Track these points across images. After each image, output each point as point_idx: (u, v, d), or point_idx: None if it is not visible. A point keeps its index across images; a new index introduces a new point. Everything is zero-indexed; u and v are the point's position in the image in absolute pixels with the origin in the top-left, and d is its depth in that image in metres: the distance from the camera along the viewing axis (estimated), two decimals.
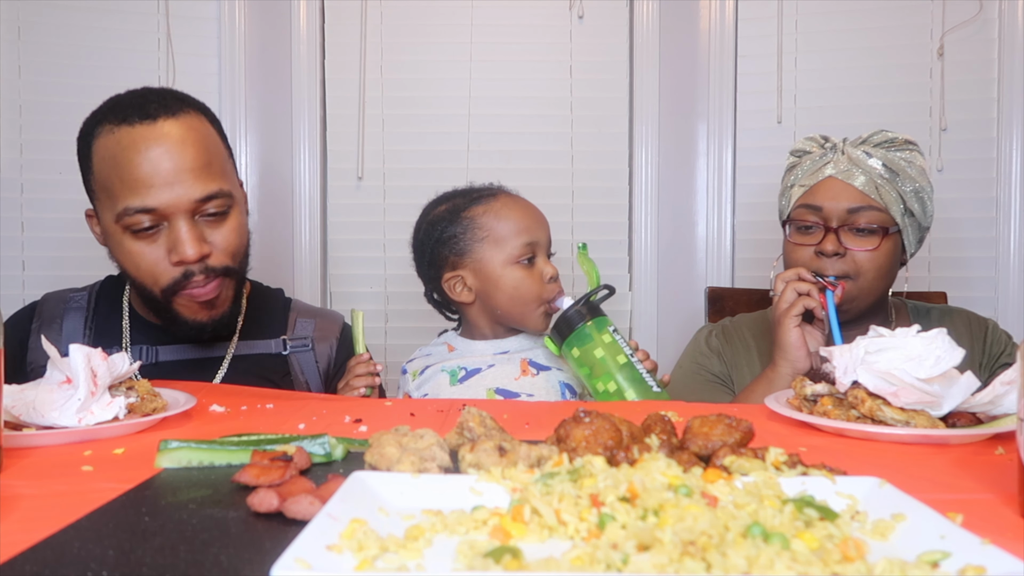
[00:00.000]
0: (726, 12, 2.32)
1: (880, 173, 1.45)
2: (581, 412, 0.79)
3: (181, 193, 1.28)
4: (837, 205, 1.45)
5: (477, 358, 1.50)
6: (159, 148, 1.28)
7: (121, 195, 1.28)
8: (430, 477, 0.68)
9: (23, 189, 2.23)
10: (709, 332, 1.66)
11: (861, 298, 1.46)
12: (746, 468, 0.70)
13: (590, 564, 0.51)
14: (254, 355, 1.48)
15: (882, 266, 1.46)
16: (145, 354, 1.41)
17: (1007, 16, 2.16)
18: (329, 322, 1.59)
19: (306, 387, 1.51)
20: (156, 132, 1.29)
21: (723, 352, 1.61)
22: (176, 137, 1.30)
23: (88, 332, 1.44)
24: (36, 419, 0.92)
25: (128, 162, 1.27)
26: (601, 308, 1.40)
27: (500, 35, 2.34)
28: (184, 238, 1.29)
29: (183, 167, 1.28)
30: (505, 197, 1.52)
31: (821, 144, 1.53)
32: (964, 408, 0.97)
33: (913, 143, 1.50)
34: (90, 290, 1.51)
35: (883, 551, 0.56)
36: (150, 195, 1.27)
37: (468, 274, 1.48)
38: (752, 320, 1.67)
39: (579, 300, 1.39)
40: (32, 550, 0.56)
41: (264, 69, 2.34)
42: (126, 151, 1.28)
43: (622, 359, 1.35)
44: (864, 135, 1.51)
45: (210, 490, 0.71)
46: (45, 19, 2.22)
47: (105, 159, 1.30)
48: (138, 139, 1.28)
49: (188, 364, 1.43)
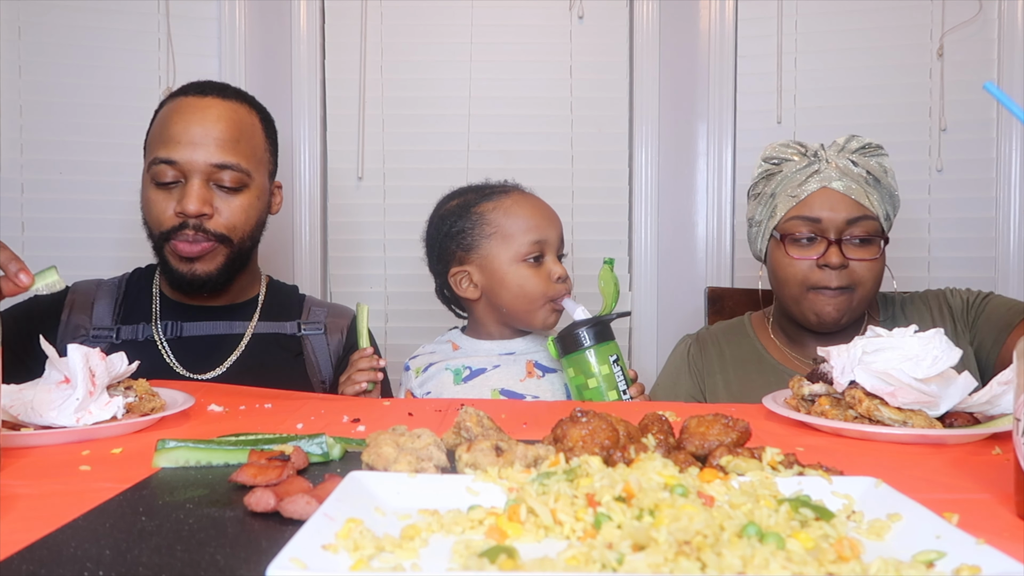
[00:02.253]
0: (726, 12, 2.32)
1: (867, 180, 1.45)
2: (578, 412, 0.79)
3: (201, 155, 1.44)
4: (835, 216, 1.43)
5: (482, 358, 1.50)
6: (196, 115, 1.46)
7: (154, 148, 1.47)
8: (426, 477, 0.68)
9: (23, 189, 2.23)
10: (687, 346, 1.65)
11: (859, 307, 1.47)
12: (742, 468, 0.71)
13: (585, 564, 0.51)
14: (271, 334, 1.59)
15: (879, 274, 1.47)
16: (171, 329, 1.54)
17: (1007, 16, 2.16)
18: (339, 314, 1.67)
19: (316, 367, 1.59)
20: (200, 104, 1.48)
21: (696, 365, 1.61)
22: (215, 112, 1.48)
23: (118, 313, 1.56)
24: (34, 419, 0.92)
25: (168, 121, 1.47)
26: (611, 330, 1.37)
27: (500, 35, 2.34)
28: (191, 194, 1.44)
29: (210, 134, 1.45)
30: (517, 194, 1.52)
31: (801, 152, 1.50)
32: (961, 408, 0.97)
33: (880, 146, 1.49)
34: (121, 278, 1.63)
35: (878, 551, 0.56)
36: (175, 150, 1.44)
37: (474, 270, 1.48)
38: (727, 328, 1.67)
39: (590, 321, 1.36)
40: (29, 549, 0.56)
41: (264, 69, 2.34)
42: (171, 114, 1.48)
43: (613, 395, 1.34)
44: (840, 142, 1.49)
45: (207, 490, 0.71)
46: (45, 19, 2.22)
47: (157, 120, 1.51)
48: (184, 106, 1.48)
49: (210, 340, 1.54)
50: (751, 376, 1.54)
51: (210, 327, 1.55)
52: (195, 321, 1.55)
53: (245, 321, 1.58)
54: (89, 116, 2.24)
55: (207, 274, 1.49)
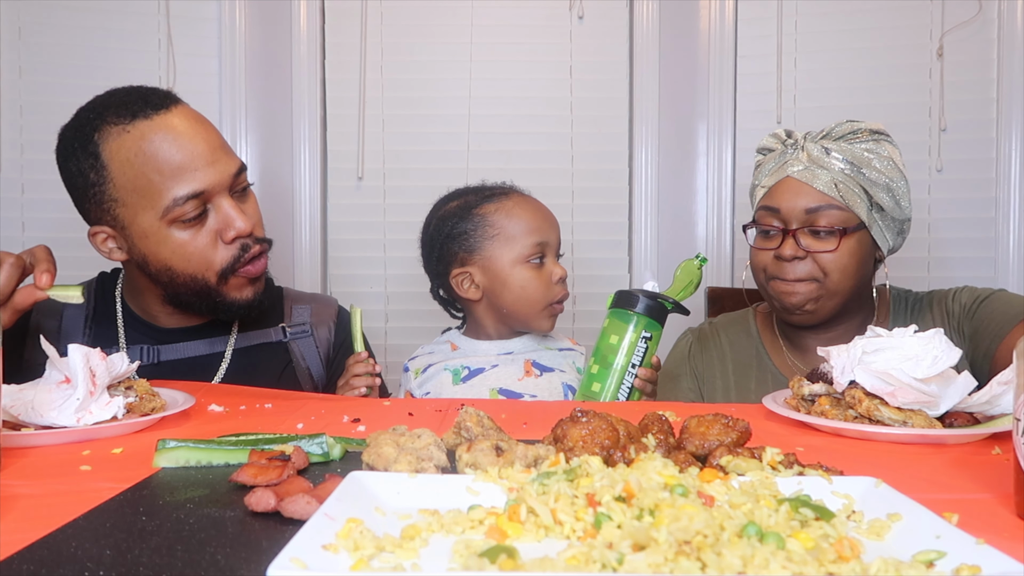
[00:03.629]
0: (726, 12, 2.32)
1: (841, 169, 1.40)
2: (578, 412, 0.79)
3: (222, 169, 1.28)
4: (795, 206, 1.41)
5: (481, 358, 1.50)
6: (189, 131, 1.27)
7: (164, 187, 1.24)
8: (427, 477, 0.68)
9: (23, 189, 2.23)
10: (688, 344, 1.62)
11: (827, 299, 1.42)
12: (743, 468, 0.71)
13: (585, 564, 0.51)
14: (255, 347, 1.47)
15: (847, 266, 1.41)
16: (145, 354, 1.38)
17: (1007, 16, 2.16)
18: (324, 306, 1.58)
19: (308, 373, 1.51)
20: (177, 118, 1.27)
21: (697, 363, 1.58)
22: (195, 118, 1.30)
23: (88, 331, 1.42)
24: (35, 419, 0.92)
25: (163, 152, 1.24)
26: (665, 315, 1.38)
27: (500, 35, 2.34)
28: (234, 213, 1.29)
29: (214, 144, 1.29)
30: (517, 196, 1.52)
31: (783, 140, 1.48)
32: (961, 408, 0.97)
33: (881, 132, 1.43)
34: (88, 288, 1.48)
35: (878, 551, 0.56)
36: (196, 178, 1.25)
37: (476, 271, 1.48)
38: (730, 322, 1.63)
39: (658, 296, 1.38)
40: (29, 549, 0.56)
41: (264, 69, 2.34)
42: (156, 143, 1.24)
43: (622, 361, 1.35)
44: (828, 127, 1.45)
45: (208, 490, 0.71)
46: (45, 19, 2.22)
47: (129, 159, 1.25)
48: (164, 127, 1.25)
49: (190, 362, 1.41)
50: (749, 385, 1.53)
51: (190, 348, 1.41)
52: (172, 343, 1.41)
53: (225, 335, 1.45)
54: None
55: (263, 289, 1.38)
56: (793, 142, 1.47)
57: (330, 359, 1.55)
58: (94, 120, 1.28)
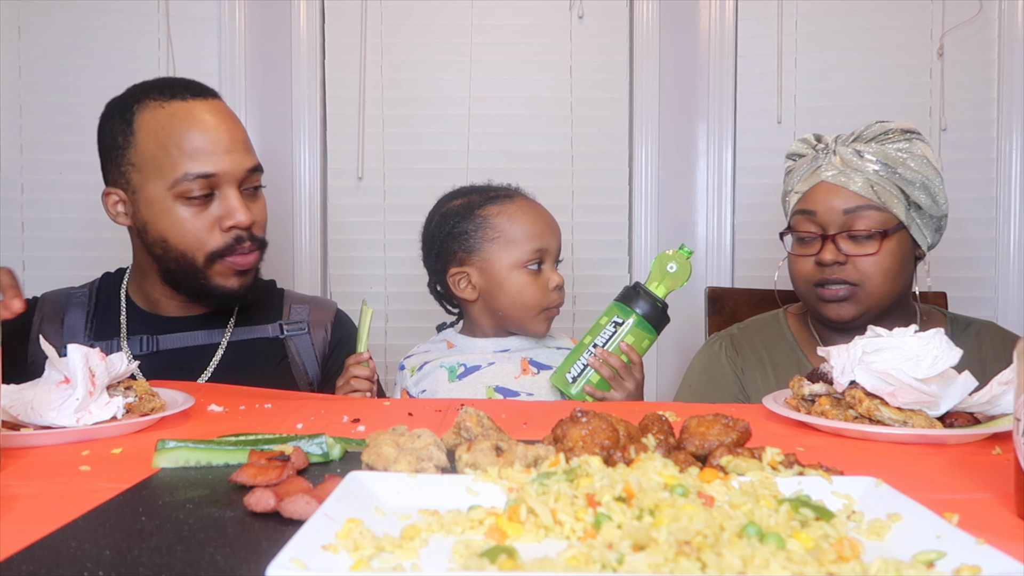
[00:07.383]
0: (726, 12, 2.32)
1: (876, 171, 1.40)
2: (578, 412, 0.79)
3: (237, 161, 1.37)
4: (832, 208, 1.40)
5: (477, 355, 1.50)
6: (216, 120, 1.38)
7: (179, 162, 1.34)
8: (426, 477, 0.68)
9: (23, 189, 2.22)
10: (720, 345, 1.58)
11: (871, 303, 1.41)
12: (743, 468, 0.71)
13: (585, 564, 0.51)
14: (251, 340, 1.51)
15: (888, 269, 1.40)
16: (145, 344, 1.44)
17: (1007, 16, 2.16)
18: (322, 309, 1.62)
19: (303, 370, 1.53)
20: (211, 107, 1.39)
21: (735, 366, 1.55)
22: (227, 113, 1.41)
23: (89, 327, 1.47)
24: (34, 419, 0.92)
25: (187, 131, 1.35)
26: (663, 320, 1.41)
27: (500, 35, 2.34)
28: (238, 205, 1.37)
29: (236, 138, 1.39)
30: (521, 200, 1.52)
31: (813, 145, 1.48)
32: (961, 408, 0.97)
33: (913, 131, 1.43)
34: (90, 287, 1.54)
35: (879, 551, 0.56)
36: (210, 161, 1.35)
37: (474, 272, 1.48)
38: (763, 327, 1.60)
39: (657, 301, 1.40)
40: (29, 550, 0.56)
41: (264, 69, 2.34)
42: (184, 122, 1.35)
43: (586, 340, 1.40)
44: (858, 130, 1.45)
45: (207, 490, 0.71)
46: (45, 19, 2.22)
47: (156, 131, 1.36)
48: (196, 111, 1.37)
49: (188, 352, 1.46)
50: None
51: (188, 338, 1.46)
52: (171, 333, 1.46)
53: (223, 328, 1.50)
54: (89, 116, 2.20)
55: (249, 285, 1.44)
56: (824, 146, 1.46)
57: (326, 357, 1.57)
58: (138, 94, 1.41)
